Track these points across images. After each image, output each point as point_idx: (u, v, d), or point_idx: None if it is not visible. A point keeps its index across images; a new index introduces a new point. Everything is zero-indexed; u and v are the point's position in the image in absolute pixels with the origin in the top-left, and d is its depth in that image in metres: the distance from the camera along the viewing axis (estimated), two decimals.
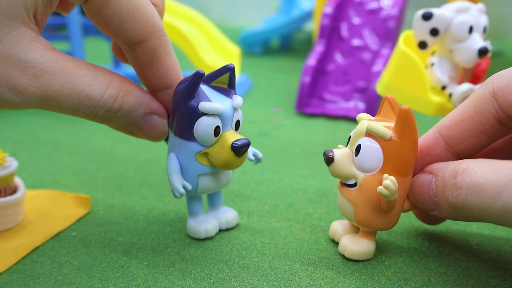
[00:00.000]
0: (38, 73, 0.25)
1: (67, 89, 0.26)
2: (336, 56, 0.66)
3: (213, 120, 0.28)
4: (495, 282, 0.28)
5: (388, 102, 0.28)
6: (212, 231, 0.32)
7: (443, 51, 0.40)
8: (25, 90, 0.25)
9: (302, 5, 0.97)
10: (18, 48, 0.24)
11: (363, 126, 0.28)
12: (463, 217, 0.26)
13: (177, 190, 0.29)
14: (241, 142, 0.28)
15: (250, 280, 0.28)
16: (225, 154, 0.28)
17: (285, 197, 0.38)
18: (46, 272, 0.28)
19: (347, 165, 0.28)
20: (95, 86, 0.27)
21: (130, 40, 0.28)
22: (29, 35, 0.25)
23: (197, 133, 0.28)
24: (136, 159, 0.45)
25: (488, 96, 0.27)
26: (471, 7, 0.38)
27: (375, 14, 0.67)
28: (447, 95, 0.40)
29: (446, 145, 0.28)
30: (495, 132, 0.27)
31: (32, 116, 0.57)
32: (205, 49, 0.63)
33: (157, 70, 0.29)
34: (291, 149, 0.48)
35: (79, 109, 0.27)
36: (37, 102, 0.26)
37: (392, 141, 0.27)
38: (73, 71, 0.26)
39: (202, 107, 0.28)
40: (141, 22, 0.27)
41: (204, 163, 0.29)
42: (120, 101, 0.28)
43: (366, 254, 0.29)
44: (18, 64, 0.24)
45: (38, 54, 0.25)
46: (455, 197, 0.26)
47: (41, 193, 0.37)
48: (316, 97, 0.62)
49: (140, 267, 0.29)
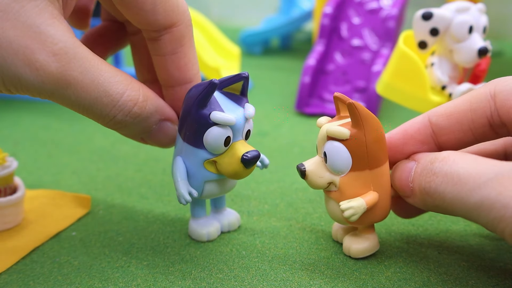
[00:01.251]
0: (59, 51, 0.23)
1: (86, 79, 0.24)
2: (336, 56, 0.66)
3: (224, 130, 0.27)
4: (495, 282, 0.28)
5: (339, 100, 0.28)
6: (214, 235, 0.31)
7: (443, 51, 0.40)
8: (42, 68, 0.22)
9: (302, 5, 0.97)
10: (40, 19, 0.22)
11: (323, 131, 0.27)
12: (431, 206, 0.26)
13: (183, 197, 0.28)
14: (251, 154, 0.28)
15: (250, 280, 0.28)
16: (234, 165, 0.28)
17: (285, 196, 0.38)
18: (46, 272, 0.28)
19: (321, 173, 0.28)
20: (115, 84, 0.25)
21: (160, 25, 0.27)
22: (51, 11, 0.23)
23: (207, 142, 0.28)
24: (136, 159, 0.45)
25: (487, 96, 0.27)
26: (471, 7, 0.38)
27: (375, 14, 0.67)
28: (447, 95, 0.40)
29: (432, 133, 0.28)
30: (483, 133, 0.27)
31: (32, 116, 0.57)
32: (205, 49, 0.63)
33: (179, 60, 0.29)
34: (291, 149, 0.48)
35: (96, 105, 0.25)
36: (53, 86, 0.23)
37: (353, 138, 0.26)
38: (94, 63, 0.24)
39: (214, 117, 0.27)
40: (172, 7, 0.27)
41: (211, 171, 0.29)
42: (140, 106, 0.27)
43: (371, 249, 0.29)
44: (39, 36, 0.22)
45: (60, 32, 0.23)
46: (427, 183, 0.26)
47: (41, 193, 0.37)
48: (316, 97, 0.62)
49: (140, 267, 0.29)
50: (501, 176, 0.23)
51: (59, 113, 0.57)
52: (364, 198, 0.27)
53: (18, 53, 0.22)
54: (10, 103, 0.60)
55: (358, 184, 0.27)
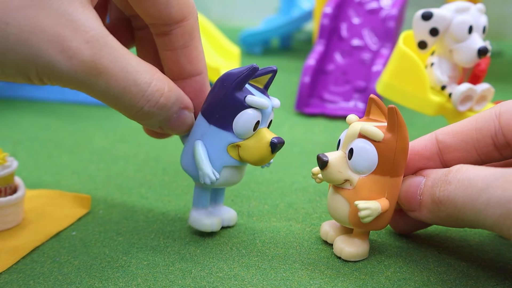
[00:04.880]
0: (91, 39, 0.23)
1: (117, 67, 0.24)
2: (336, 56, 0.66)
3: (256, 114, 0.29)
4: (495, 282, 0.28)
5: (375, 102, 0.28)
6: (218, 225, 0.32)
7: (443, 51, 0.40)
8: (75, 56, 0.22)
9: (302, 5, 0.97)
10: (72, 7, 0.22)
11: (355, 128, 0.28)
12: (443, 215, 0.26)
13: (208, 176, 0.29)
14: (279, 139, 0.29)
15: (250, 279, 0.28)
16: (261, 149, 0.29)
17: (285, 197, 0.38)
18: (46, 271, 0.28)
19: (342, 168, 0.28)
20: (143, 73, 0.25)
21: (173, 19, 0.27)
22: (80, 0, 0.23)
23: (237, 124, 0.29)
24: (136, 159, 0.45)
25: (492, 116, 0.27)
26: (471, 7, 0.38)
27: (375, 14, 0.67)
28: (447, 95, 0.40)
29: (438, 150, 0.29)
30: (488, 153, 0.28)
31: (32, 116, 0.57)
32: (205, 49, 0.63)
33: (191, 53, 0.29)
34: (291, 149, 0.48)
35: (125, 95, 0.25)
36: (85, 74, 0.23)
37: (386, 142, 0.27)
38: (122, 52, 0.25)
39: (250, 100, 0.28)
40: (184, 0, 0.27)
41: (232, 156, 0.30)
42: (167, 96, 0.27)
43: (363, 255, 0.29)
44: (71, 24, 0.22)
45: (90, 20, 0.23)
46: (442, 191, 0.26)
47: (41, 193, 0.37)
48: (316, 97, 0.62)
49: (140, 266, 0.29)
50: (508, 174, 0.23)
51: (59, 113, 0.57)
52: (380, 202, 0.27)
53: (51, 41, 0.22)
54: (10, 103, 0.60)
55: (375, 188, 0.27)
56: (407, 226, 0.32)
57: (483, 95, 0.40)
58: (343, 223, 0.29)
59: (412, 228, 0.32)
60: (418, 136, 0.30)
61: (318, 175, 0.30)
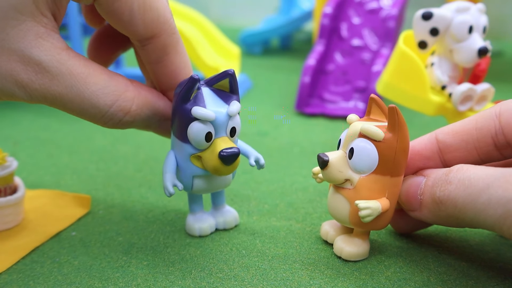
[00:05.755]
0: (40, 71, 0.25)
1: (71, 94, 0.26)
2: (336, 56, 0.66)
3: (204, 126, 0.28)
4: (495, 282, 0.28)
5: (375, 102, 0.28)
6: (206, 231, 0.32)
7: (443, 51, 0.40)
8: (28, 86, 0.25)
9: (302, 5, 0.97)
10: (23, 43, 0.24)
11: (356, 127, 0.28)
12: (443, 215, 0.27)
13: (167, 190, 0.29)
14: (229, 152, 0.28)
15: (250, 279, 0.28)
16: (213, 161, 0.28)
17: (285, 196, 0.38)
18: (46, 272, 0.28)
19: (342, 167, 0.28)
20: (102, 97, 0.26)
21: (140, 36, 0.28)
22: (36, 31, 0.24)
23: (190, 136, 0.28)
24: (136, 159, 0.45)
25: (492, 115, 0.27)
26: (471, 7, 0.38)
27: (375, 14, 0.67)
28: (447, 95, 0.40)
29: (438, 150, 0.29)
30: (487, 153, 0.28)
31: (32, 116, 0.57)
32: (205, 49, 0.63)
33: (166, 68, 0.29)
34: (291, 149, 0.48)
35: (85, 114, 0.27)
36: (41, 99, 0.25)
37: (386, 141, 0.27)
38: (81, 77, 0.26)
39: (194, 112, 0.28)
40: (152, 18, 0.27)
41: (198, 166, 0.29)
42: (133, 114, 0.28)
43: (363, 254, 0.29)
44: (22, 59, 0.24)
45: (43, 52, 0.25)
46: (442, 191, 0.26)
47: (41, 193, 0.37)
48: (316, 97, 0.62)
49: (140, 267, 0.29)
50: (508, 174, 0.24)
51: (59, 113, 0.57)
52: (380, 202, 0.27)
53: (6, 75, 0.24)
54: (10, 103, 0.60)
55: (376, 188, 0.27)
56: (407, 226, 0.32)
57: (483, 95, 0.40)
58: (344, 222, 0.29)
59: (413, 228, 0.32)
60: (418, 136, 0.30)
61: (318, 175, 0.30)
